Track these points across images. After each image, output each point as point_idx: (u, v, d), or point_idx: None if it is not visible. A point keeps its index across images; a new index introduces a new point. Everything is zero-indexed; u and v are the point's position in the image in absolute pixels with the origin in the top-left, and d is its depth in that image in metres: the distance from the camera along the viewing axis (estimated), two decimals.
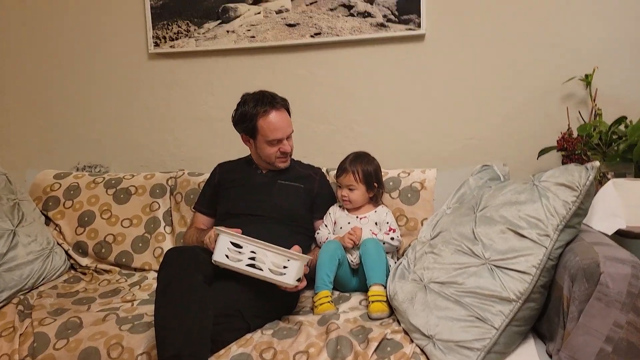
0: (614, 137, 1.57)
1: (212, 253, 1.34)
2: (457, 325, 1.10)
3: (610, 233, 1.20)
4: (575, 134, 1.70)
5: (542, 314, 1.14)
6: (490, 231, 1.16)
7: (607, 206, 1.23)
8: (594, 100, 1.76)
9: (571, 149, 1.61)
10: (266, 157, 1.67)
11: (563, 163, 1.68)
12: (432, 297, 1.19)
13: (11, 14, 2.35)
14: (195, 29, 2.16)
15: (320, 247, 1.60)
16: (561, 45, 1.85)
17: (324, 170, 1.84)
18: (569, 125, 1.79)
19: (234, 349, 1.23)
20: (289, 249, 1.35)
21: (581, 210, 1.10)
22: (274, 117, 1.60)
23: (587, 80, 1.75)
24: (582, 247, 1.06)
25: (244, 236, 1.33)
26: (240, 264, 1.30)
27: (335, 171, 1.73)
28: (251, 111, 1.61)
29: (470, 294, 1.12)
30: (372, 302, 1.39)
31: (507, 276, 1.09)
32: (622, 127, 1.61)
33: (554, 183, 1.13)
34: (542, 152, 1.76)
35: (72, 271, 1.89)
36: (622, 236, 1.25)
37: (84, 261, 1.90)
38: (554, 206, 1.09)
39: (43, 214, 1.96)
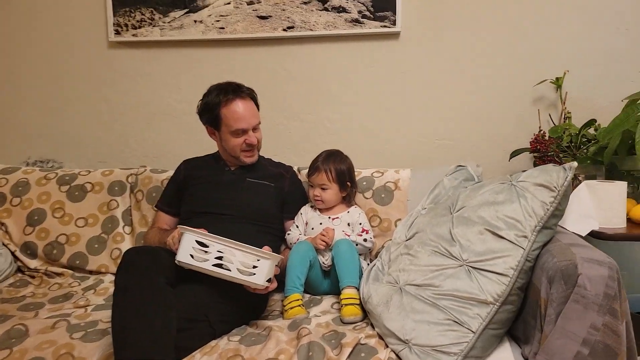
0: (583, 139, 1.59)
1: (175, 254, 1.26)
2: (434, 329, 1.06)
3: (584, 234, 1.21)
4: (547, 136, 1.72)
5: (518, 316, 1.13)
6: (468, 232, 1.14)
7: (581, 208, 1.24)
8: (564, 103, 1.79)
9: (544, 150, 1.62)
10: (231, 150, 1.60)
11: (535, 164, 1.70)
12: (408, 300, 1.15)
13: None
14: (160, 18, 2.06)
15: (290, 249, 1.55)
16: (533, 48, 1.87)
17: (295, 169, 1.80)
18: (540, 127, 1.81)
19: (198, 357, 1.16)
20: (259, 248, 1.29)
21: (558, 211, 1.09)
22: (238, 105, 1.54)
23: (558, 83, 1.78)
24: (559, 248, 1.05)
25: (210, 234, 1.26)
26: (207, 264, 1.23)
27: (307, 170, 1.68)
28: (214, 100, 1.55)
29: (447, 297, 1.09)
30: (345, 305, 1.35)
31: (484, 278, 1.07)
32: (591, 130, 1.64)
33: (532, 183, 1.12)
34: (514, 153, 1.77)
35: (19, 274, 1.78)
36: (594, 237, 1.26)
37: (33, 263, 1.79)
38: (532, 207, 1.08)
39: None
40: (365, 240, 1.57)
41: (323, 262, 1.53)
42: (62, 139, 2.21)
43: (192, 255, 1.23)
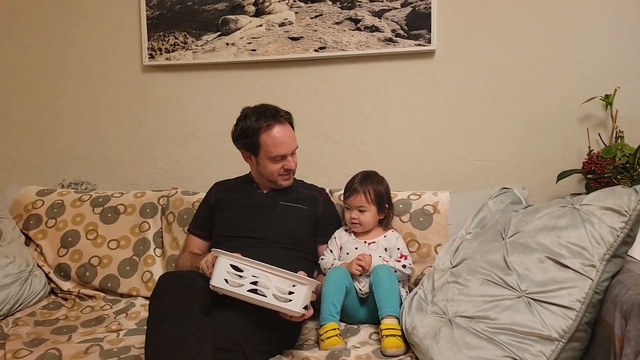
0: None
1: (209, 279, 1.22)
2: None
3: None
4: (601, 156, 1.61)
5: (584, 354, 1.02)
6: (526, 260, 1.05)
7: None
8: (615, 121, 1.69)
9: (600, 172, 1.51)
10: (269, 175, 1.57)
11: (588, 187, 1.59)
12: (460, 334, 1.06)
13: None
14: (193, 41, 2.08)
15: (324, 274, 1.49)
16: (580, 63, 1.78)
17: (327, 191, 1.74)
18: (589, 147, 1.70)
19: None
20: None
21: (630, 238, 0.99)
22: (278, 131, 1.51)
23: (608, 100, 1.68)
24: (633, 279, 0.94)
25: (245, 258, 1.22)
26: (242, 290, 1.19)
27: (339, 192, 1.63)
28: (253, 126, 1.52)
29: (505, 331, 1.00)
30: (386, 336, 1.27)
31: (547, 311, 0.97)
32: None
33: (598, 207, 1.02)
34: (562, 175, 1.66)
35: (53, 296, 1.78)
36: None
37: (66, 285, 1.78)
38: (599, 233, 0.99)
39: (23, 234, 1.85)
40: (404, 266, 1.49)
41: (359, 289, 1.46)
42: (96, 160, 2.23)
43: (226, 280, 1.19)
